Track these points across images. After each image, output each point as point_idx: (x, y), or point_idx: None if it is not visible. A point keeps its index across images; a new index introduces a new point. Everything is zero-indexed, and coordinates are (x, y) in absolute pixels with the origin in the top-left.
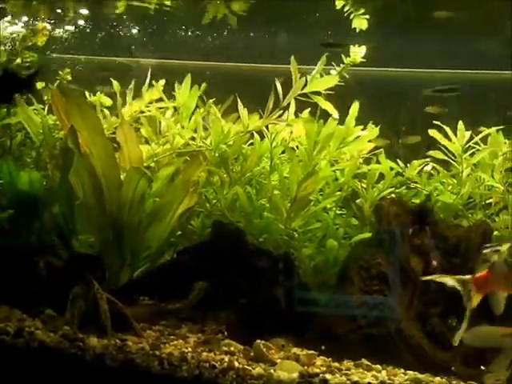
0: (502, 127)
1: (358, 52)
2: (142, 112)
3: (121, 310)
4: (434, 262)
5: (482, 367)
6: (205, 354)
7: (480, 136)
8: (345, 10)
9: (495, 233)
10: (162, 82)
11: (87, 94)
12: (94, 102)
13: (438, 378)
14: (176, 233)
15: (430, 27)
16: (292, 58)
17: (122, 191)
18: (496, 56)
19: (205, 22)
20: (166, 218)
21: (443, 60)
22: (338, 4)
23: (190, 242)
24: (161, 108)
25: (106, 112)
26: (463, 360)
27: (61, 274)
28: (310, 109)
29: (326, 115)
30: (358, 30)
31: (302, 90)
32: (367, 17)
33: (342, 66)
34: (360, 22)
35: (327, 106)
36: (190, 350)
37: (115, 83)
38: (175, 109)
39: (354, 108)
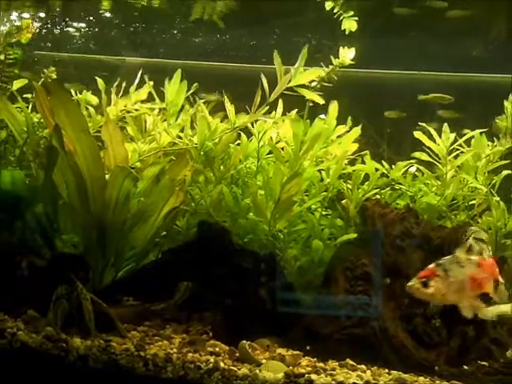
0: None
1: (346, 54)
2: (128, 112)
3: (105, 310)
4: None
5: (465, 366)
6: (190, 354)
7: (464, 138)
8: (334, 11)
9: None
10: (151, 82)
11: (73, 91)
12: (79, 100)
13: (421, 378)
14: (161, 233)
15: (414, 29)
16: (275, 52)
17: (107, 191)
18: (478, 59)
19: (191, 20)
20: (151, 217)
21: (426, 62)
22: (328, 6)
23: (175, 243)
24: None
25: (91, 110)
26: (446, 360)
27: (44, 274)
28: (297, 109)
29: (312, 116)
30: (347, 32)
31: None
32: (356, 18)
33: (330, 67)
34: (349, 24)
35: (313, 96)
36: (175, 350)
37: (100, 81)
38: (160, 109)
39: (334, 108)
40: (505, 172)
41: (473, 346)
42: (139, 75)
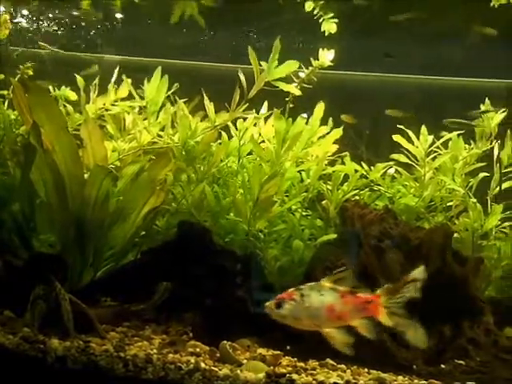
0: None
1: (326, 55)
2: (107, 110)
3: (84, 310)
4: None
5: (443, 366)
6: (170, 355)
7: (441, 141)
8: (314, 13)
9: (455, 235)
10: (129, 80)
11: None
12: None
13: (400, 377)
14: (140, 232)
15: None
16: (249, 49)
17: (86, 189)
18: (456, 62)
19: (173, 21)
20: (130, 217)
21: (404, 65)
22: (308, 7)
23: (154, 242)
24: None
25: (70, 108)
26: (425, 359)
27: (21, 274)
28: (278, 109)
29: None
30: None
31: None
32: (336, 20)
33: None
34: (329, 26)
35: (290, 88)
36: (155, 351)
37: (79, 79)
38: (140, 108)
39: (319, 109)
40: (482, 174)
41: (450, 345)
42: (116, 72)
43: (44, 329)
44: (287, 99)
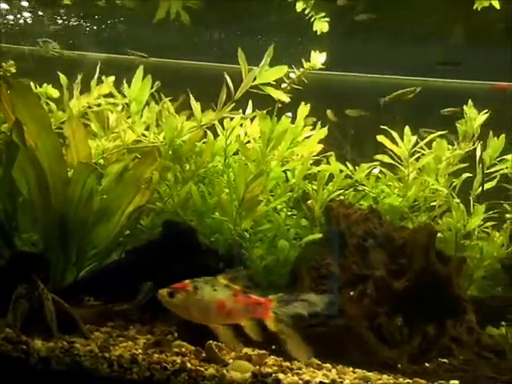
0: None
1: (317, 57)
2: (90, 107)
3: (67, 310)
4: None
5: (427, 364)
6: (156, 355)
7: (425, 141)
8: (305, 13)
9: (439, 235)
10: (112, 77)
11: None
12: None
13: (385, 376)
14: (125, 231)
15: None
16: (239, 50)
17: (70, 188)
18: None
19: (158, 19)
20: (114, 216)
21: (390, 66)
22: (299, 7)
23: (139, 242)
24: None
25: (52, 105)
26: (409, 358)
27: (2, 273)
28: (263, 109)
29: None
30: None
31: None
32: (327, 19)
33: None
34: (320, 25)
35: (278, 94)
36: (140, 351)
37: (62, 76)
38: (123, 106)
39: (304, 109)
40: (465, 175)
41: (433, 344)
42: (97, 70)
43: (27, 329)
44: (277, 99)
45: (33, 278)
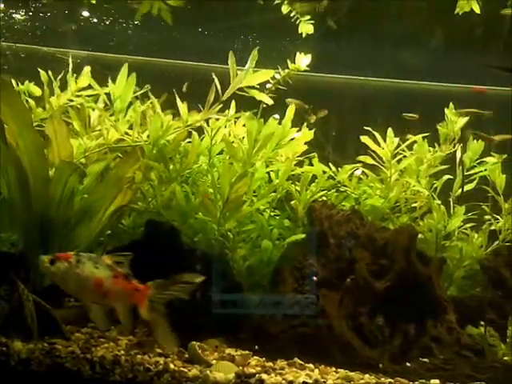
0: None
1: (302, 59)
2: (71, 100)
3: (48, 311)
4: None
5: (408, 364)
6: (139, 356)
7: (407, 143)
8: (291, 15)
9: (420, 236)
10: (88, 68)
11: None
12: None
13: (367, 375)
14: (106, 231)
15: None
16: (230, 53)
17: (51, 187)
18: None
19: (137, 18)
20: (96, 215)
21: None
22: (284, 9)
23: (120, 242)
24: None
25: (32, 102)
26: (390, 357)
27: None
28: (249, 109)
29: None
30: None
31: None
32: (313, 22)
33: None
34: (306, 27)
35: (262, 97)
36: (122, 352)
37: (42, 73)
38: (106, 104)
39: (291, 110)
40: (446, 176)
41: (414, 343)
42: (70, 64)
43: (6, 331)
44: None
45: (12, 279)
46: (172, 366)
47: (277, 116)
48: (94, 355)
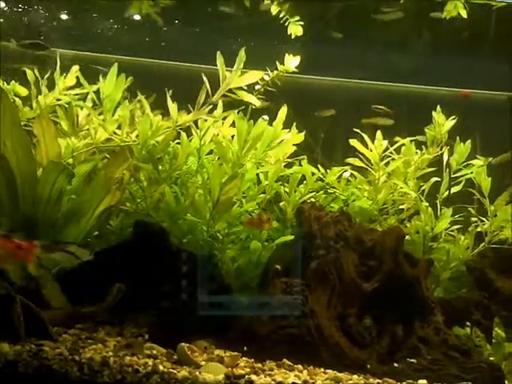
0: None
1: (291, 60)
2: (59, 99)
3: (35, 313)
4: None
5: (396, 364)
6: (128, 358)
7: (395, 146)
8: (280, 16)
9: (407, 237)
10: (76, 67)
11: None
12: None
13: (355, 376)
14: (94, 232)
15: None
16: (218, 53)
17: (39, 187)
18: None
19: (125, 17)
20: (84, 216)
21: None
22: (274, 10)
23: (108, 243)
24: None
25: (18, 101)
26: (378, 358)
27: None
28: (238, 110)
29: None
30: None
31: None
32: (302, 23)
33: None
34: (295, 29)
35: (250, 99)
36: (111, 354)
37: (29, 73)
38: (95, 103)
39: (283, 112)
40: (433, 179)
41: (402, 344)
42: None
43: None
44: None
45: None
46: (161, 367)
47: (266, 117)
48: (82, 357)
